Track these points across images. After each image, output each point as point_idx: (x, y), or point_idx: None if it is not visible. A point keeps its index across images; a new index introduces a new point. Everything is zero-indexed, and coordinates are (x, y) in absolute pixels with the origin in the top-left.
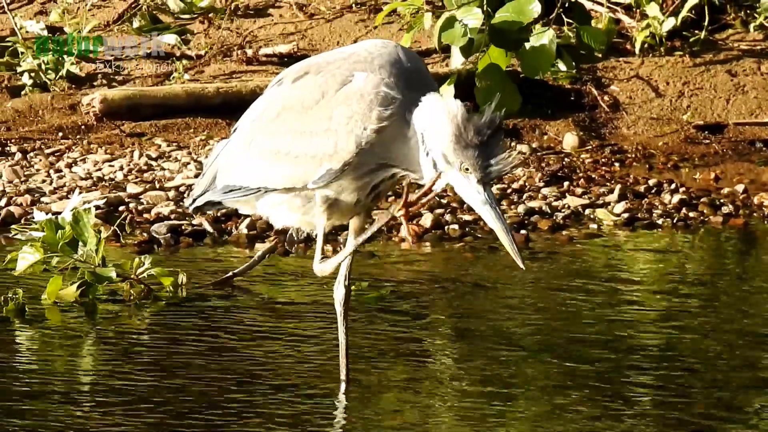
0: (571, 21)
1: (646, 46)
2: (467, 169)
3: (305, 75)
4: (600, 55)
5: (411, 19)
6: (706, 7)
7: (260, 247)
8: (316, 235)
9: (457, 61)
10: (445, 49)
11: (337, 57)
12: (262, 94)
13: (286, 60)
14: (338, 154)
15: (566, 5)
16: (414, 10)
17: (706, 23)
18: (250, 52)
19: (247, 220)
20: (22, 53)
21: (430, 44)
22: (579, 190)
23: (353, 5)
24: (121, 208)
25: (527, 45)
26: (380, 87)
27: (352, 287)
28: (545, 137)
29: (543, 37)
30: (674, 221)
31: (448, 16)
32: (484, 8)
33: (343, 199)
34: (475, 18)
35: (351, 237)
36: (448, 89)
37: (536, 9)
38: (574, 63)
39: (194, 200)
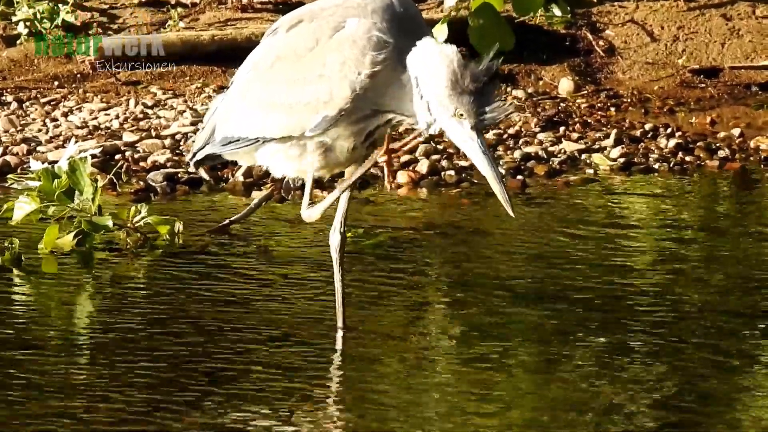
0: None
1: None
2: (461, 115)
3: (299, 23)
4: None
5: None
6: None
7: (257, 195)
8: (305, 181)
9: (450, 1)
10: None
11: (331, 4)
12: (257, 42)
13: (281, 7)
14: (333, 101)
15: None
16: None
17: None
18: None
19: (244, 168)
20: (17, 2)
21: None
22: (575, 135)
23: None
24: (117, 157)
25: None
26: (372, 31)
27: (349, 234)
28: (541, 82)
29: None
30: (671, 165)
31: None
32: None
33: (339, 145)
34: None
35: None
36: (441, 28)
37: None
38: (569, 8)
39: (194, 155)
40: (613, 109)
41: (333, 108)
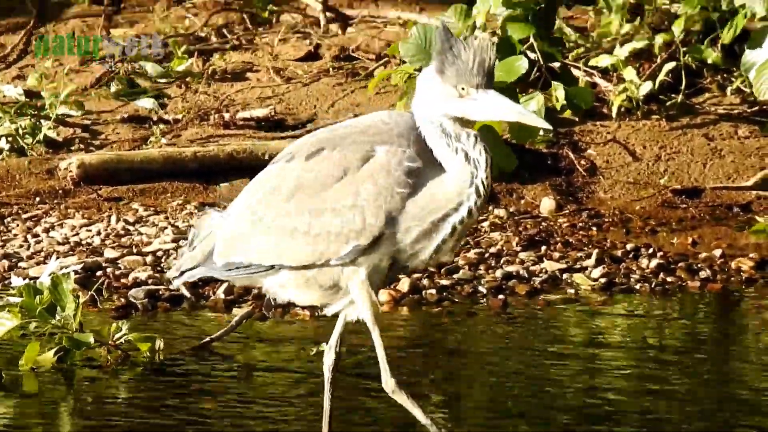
0: (558, 83)
1: (622, 109)
2: (463, 88)
3: (320, 151)
4: (577, 119)
5: (403, 85)
6: (683, 71)
7: (237, 312)
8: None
9: None
10: None
11: (353, 131)
12: (239, 158)
13: (263, 124)
14: (367, 230)
15: (549, 70)
16: (406, 76)
17: (683, 87)
18: (227, 116)
19: (225, 285)
20: (0, 117)
21: None
22: (556, 255)
23: (330, 69)
24: (98, 273)
25: None
26: (404, 162)
27: (324, 349)
28: (522, 201)
29: (532, 103)
30: (652, 286)
31: None
32: None
33: (380, 269)
34: None
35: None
36: None
37: (524, 65)
38: (551, 126)
39: (182, 273)
40: (594, 228)
41: (366, 237)
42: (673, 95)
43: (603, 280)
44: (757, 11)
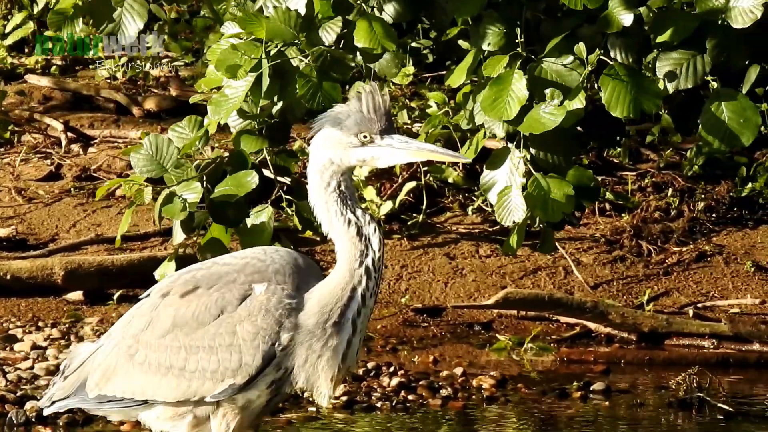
0: (291, 198)
1: None
2: (365, 136)
3: (196, 289)
4: (318, 238)
5: (131, 196)
6: (424, 191)
7: None
8: None
9: (179, 238)
10: (168, 232)
11: (229, 269)
12: None
13: (5, 244)
14: (243, 370)
15: (285, 188)
16: (135, 189)
17: (424, 206)
18: None
19: None
20: None
21: (149, 227)
22: None
23: (72, 189)
24: None
25: (247, 222)
26: (284, 300)
27: None
28: None
29: (262, 215)
30: (393, 404)
31: (168, 192)
32: (204, 184)
33: (256, 405)
34: (195, 192)
35: None
36: (169, 265)
37: (254, 181)
38: (292, 246)
39: (53, 403)
40: None
41: (242, 377)
42: (414, 214)
43: (344, 398)
44: (497, 133)
